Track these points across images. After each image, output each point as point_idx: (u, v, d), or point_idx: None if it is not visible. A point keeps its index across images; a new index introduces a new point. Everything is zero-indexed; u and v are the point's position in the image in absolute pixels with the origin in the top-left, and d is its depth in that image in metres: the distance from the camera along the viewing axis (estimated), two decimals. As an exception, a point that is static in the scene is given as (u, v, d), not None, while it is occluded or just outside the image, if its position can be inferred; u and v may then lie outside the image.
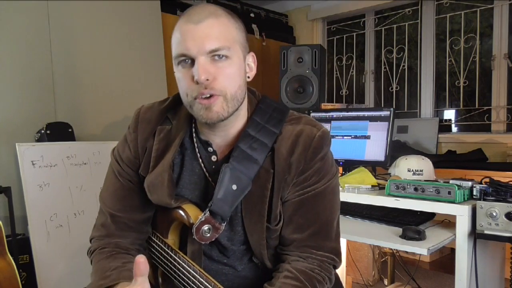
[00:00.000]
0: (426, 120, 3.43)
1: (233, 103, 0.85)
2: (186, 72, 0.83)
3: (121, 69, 2.89)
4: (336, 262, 0.93)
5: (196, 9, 0.84)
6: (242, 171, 0.87)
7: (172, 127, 0.95)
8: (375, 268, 2.65)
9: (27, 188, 2.16)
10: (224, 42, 0.82)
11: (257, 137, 0.89)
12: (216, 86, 0.82)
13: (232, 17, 0.86)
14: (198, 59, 0.81)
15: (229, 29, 0.84)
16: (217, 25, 0.82)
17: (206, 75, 0.81)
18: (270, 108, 0.94)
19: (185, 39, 0.81)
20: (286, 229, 0.91)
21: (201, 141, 0.94)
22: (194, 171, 0.95)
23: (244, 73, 0.89)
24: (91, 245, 1.01)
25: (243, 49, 0.88)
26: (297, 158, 0.88)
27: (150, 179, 0.93)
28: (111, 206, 0.98)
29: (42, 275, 2.13)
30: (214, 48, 0.81)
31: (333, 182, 0.94)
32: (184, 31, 0.82)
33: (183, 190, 0.95)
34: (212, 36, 0.81)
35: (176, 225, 0.97)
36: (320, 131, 0.90)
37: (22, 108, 2.37)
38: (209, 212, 0.87)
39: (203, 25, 0.81)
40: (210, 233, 0.87)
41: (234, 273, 0.97)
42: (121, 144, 1.00)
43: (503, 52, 3.27)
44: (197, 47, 0.81)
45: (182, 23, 0.83)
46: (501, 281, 1.73)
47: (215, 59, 0.82)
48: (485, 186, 1.46)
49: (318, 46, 2.96)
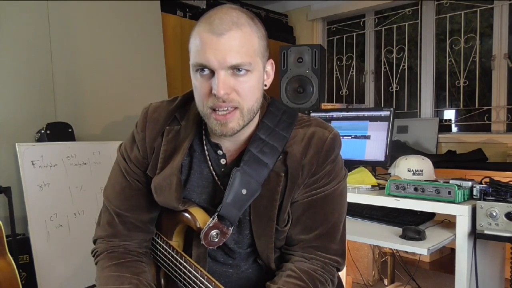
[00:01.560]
0: (426, 120, 3.43)
1: (249, 116, 0.85)
2: (204, 82, 0.82)
3: (121, 69, 2.89)
4: (340, 264, 0.93)
5: (219, 15, 0.81)
6: (252, 175, 0.86)
7: (180, 128, 0.93)
8: (375, 268, 2.65)
9: (27, 188, 2.16)
10: (245, 57, 0.80)
11: (268, 140, 0.89)
12: (234, 99, 0.82)
13: (254, 24, 0.84)
14: (219, 73, 0.79)
15: (251, 41, 0.82)
16: (239, 37, 0.80)
17: (225, 90, 0.79)
18: (280, 111, 0.93)
19: (206, 50, 0.79)
20: (293, 230, 0.91)
21: (211, 143, 0.93)
22: (203, 174, 0.94)
23: (262, 84, 0.88)
24: (97, 246, 0.98)
25: (263, 59, 0.86)
26: (310, 160, 0.88)
27: (157, 181, 0.92)
28: (118, 205, 0.96)
29: (42, 275, 2.13)
30: (235, 63, 0.79)
31: (342, 185, 0.94)
32: (205, 41, 0.79)
33: (191, 193, 0.94)
34: (234, 50, 0.79)
35: (181, 228, 0.97)
36: (332, 133, 0.90)
37: (22, 108, 2.37)
38: (217, 216, 0.86)
39: (225, 38, 0.78)
40: (218, 238, 0.87)
41: (237, 274, 0.97)
42: (128, 142, 0.98)
43: (503, 52, 3.27)
44: (218, 61, 0.79)
45: (203, 31, 0.80)
46: (501, 281, 1.73)
47: (235, 73, 0.81)
48: (485, 186, 1.46)
49: (318, 46, 2.96)
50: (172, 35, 3.33)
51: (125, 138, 1.02)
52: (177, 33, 3.36)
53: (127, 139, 0.99)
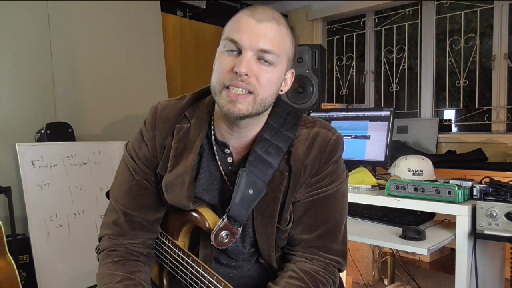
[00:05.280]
0: (426, 120, 3.43)
1: (259, 107, 0.85)
2: (229, 60, 0.83)
3: (121, 69, 2.89)
4: (341, 265, 0.93)
5: (262, 8, 0.85)
6: (258, 175, 0.87)
7: (190, 126, 0.94)
8: (375, 268, 2.65)
9: (27, 188, 2.16)
10: (276, 48, 0.83)
11: (273, 141, 0.90)
12: (252, 82, 0.83)
13: (290, 30, 0.88)
14: (246, 52, 0.81)
15: (284, 39, 0.86)
16: (276, 30, 0.84)
17: (247, 70, 0.81)
18: (285, 111, 0.94)
19: (242, 30, 0.82)
20: (295, 230, 0.92)
21: (218, 142, 0.93)
22: (211, 172, 0.94)
23: (280, 84, 0.90)
24: (101, 243, 0.98)
25: (288, 63, 0.89)
26: (312, 160, 0.88)
27: (169, 179, 0.91)
28: (125, 204, 0.95)
29: (42, 275, 2.13)
30: (266, 48, 0.82)
31: (343, 186, 0.95)
32: (244, 22, 0.83)
33: (201, 191, 0.94)
34: (268, 38, 0.82)
35: (188, 228, 0.97)
36: (335, 135, 0.91)
37: (22, 108, 2.37)
38: (227, 217, 0.87)
39: (264, 25, 0.82)
40: (228, 239, 0.88)
41: (240, 274, 0.97)
42: (136, 141, 0.97)
43: (503, 52, 3.27)
44: (250, 41, 0.81)
45: (245, 16, 0.84)
46: (501, 281, 1.73)
47: (261, 61, 0.83)
48: (485, 186, 1.45)
49: (318, 46, 2.95)
50: (172, 35, 3.33)
51: (125, 138, 1.02)
52: (177, 33, 3.36)
53: (134, 137, 0.98)
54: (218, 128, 0.93)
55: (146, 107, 0.99)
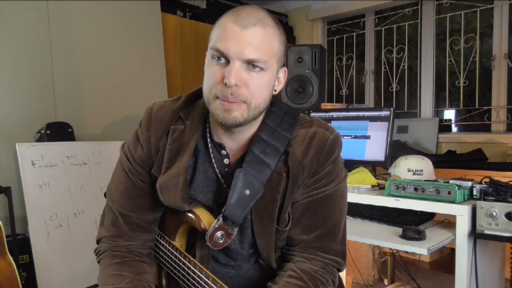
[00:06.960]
0: (426, 120, 3.43)
1: (254, 113, 0.85)
2: (217, 70, 0.83)
3: (121, 69, 2.89)
4: (341, 265, 0.93)
5: (246, 11, 0.83)
6: (255, 175, 0.86)
7: (185, 128, 0.93)
8: (375, 268, 2.65)
9: (27, 188, 2.16)
10: (263, 55, 0.82)
11: (270, 141, 0.89)
12: (243, 92, 0.82)
13: (277, 29, 0.86)
14: (234, 62, 0.81)
15: (271, 42, 0.84)
16: (262, 35, 0.82)
17: (236, 81, 0.80)
18: (282, 111, 0.94)
19: (228, 39, 0.81)
20: (294, 230, 0.92)
21: (214, 143, 0.93)
22: (207, 174, 0.94)
23: (272, 86, 0.89)
24: (101, 245, 0.97)
25: (278, 63, 0.88)
26: (310, 160, 0.88)
27: (163, 180, 0.91)
28: (122, 205, 0.95)
29: (42, 275, 2.13)
30: (253, 58, 0.81)
31: (342, 186, 0.94)
32: (229, 30, 0.81)
33: (196, 193, 0.94)
34: (254, 46, 0.80)
35: (184, 228, 0.97)
36: (333, 134, 0.91)
37: (22, 108, 2.37)
38: (222, 218, 0.87)
39: (249, 32, 0.80)
40: (223, 239, 0.88)
41: (239, 274, 0.97)
42: (132, 142, 0.97)
43: (503, 52, 3.27)
44: (237, 52, 0.80)
45: (229, 21, 0.82)
46: (501, 281, 1.73)
47: (249, 68, 0.82)
48: (485, 186, 1.45)
49: (318, 46, 2.95)
50: (172, 35, 3.32)
51: (125, 138, 1.01)
52: (177, 33, 3.36)
53: (130, 138, 0.98)
54: (215, 129, 0.93)
55: (146, 107, 0.99)
